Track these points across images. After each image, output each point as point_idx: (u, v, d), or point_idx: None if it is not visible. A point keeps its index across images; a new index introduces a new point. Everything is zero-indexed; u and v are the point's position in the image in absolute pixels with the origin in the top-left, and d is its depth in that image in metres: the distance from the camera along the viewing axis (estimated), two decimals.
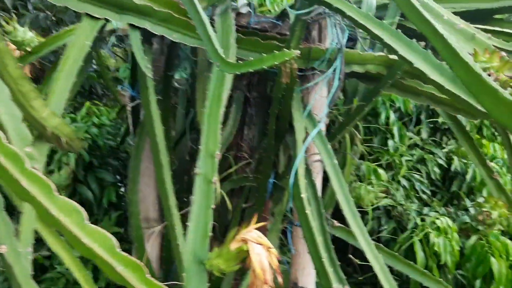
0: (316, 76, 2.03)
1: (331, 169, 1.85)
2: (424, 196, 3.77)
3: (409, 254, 3.43)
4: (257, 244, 1.41)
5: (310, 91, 2.05)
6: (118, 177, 4.42)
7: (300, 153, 1.84)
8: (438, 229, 3.38)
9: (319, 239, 1.75)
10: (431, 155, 4.05)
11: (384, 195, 3.07)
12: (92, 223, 3.10)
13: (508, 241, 3.48)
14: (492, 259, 3.37)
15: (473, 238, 3.53)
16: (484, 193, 3.95)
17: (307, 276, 2.14)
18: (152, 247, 2.40)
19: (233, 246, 1.45)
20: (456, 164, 4.04)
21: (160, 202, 2.45)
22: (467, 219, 3.64)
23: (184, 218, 2.19)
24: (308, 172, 1.94)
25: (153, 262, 2.43)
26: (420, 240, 3.35)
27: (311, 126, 1.95)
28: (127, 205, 2.33)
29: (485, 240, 3.48)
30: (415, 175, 3.83)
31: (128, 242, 4.13)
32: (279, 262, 1.44)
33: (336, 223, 2.17)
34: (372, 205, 2.64)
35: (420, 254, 3.32)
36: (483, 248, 3.42)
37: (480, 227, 2.24)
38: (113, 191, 3.93)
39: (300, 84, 2.04)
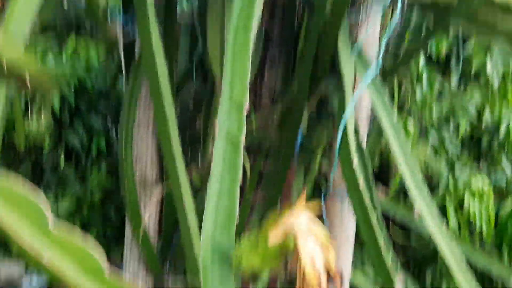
0: (368, 3, 1.54)
1: (391, 131, 1.40)
2: (454, 153, 3.34)
3: None
4: (309, 238, 0.97)
5: (360, 24, 1.56)
6: (108, 123, 3.99)
7: (350, 104, 1.38)
8: (473, 193, 2.97)
9: (374, 221, 1.32)
10: (461, 107, 3.59)
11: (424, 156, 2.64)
12: (80, 173, 2.65)
13: None
14: None
15: (510, 203, 3.14)
16: None
17: (342, 257, 1.72)
18: (150, 215, 1.96)
19: (273, 237, 1.01)
20: (487, 117, 3.59)
21: (160, 159, 2.00)
22: (502, 180, 3.24)
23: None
24: (357, 132, 1.48)
25: (151, 233, 2.00)
26: (454, 207, 2.95)
27: (362, 69, 1.48)
28: (118, 163, 1.87)
29: None
30: (445, 129, 3.38)
31: (120, 194, 3.73)
32: None
33: (380, 194, 1.74)
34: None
35: (452, 221, 2.92)
36: None
37: None
38: (102, 139, 3.51)
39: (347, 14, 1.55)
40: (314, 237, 0.96)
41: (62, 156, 3.42)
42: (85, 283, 0.61)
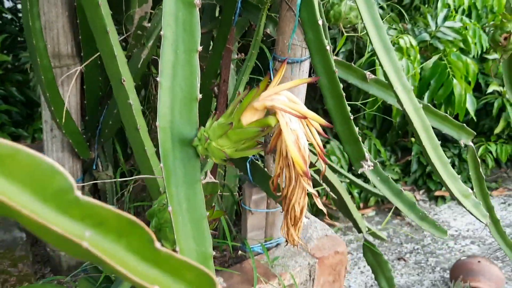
0: None
1: None
2: (380, 11, 3.25)
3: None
4: (292, 115, 0.82)
5: None
6: None
7: None
8: (400, 49, 2.94)
9: (339, 86, 1.19)
10: None
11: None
12: None
13: (470, 61, 3.16)
14: (454, 81, 3.07)
15: (433, 59, 3.16)
16: (439, 5, 3.51)
17: None
18: (70, 94, 1.71)
19: (248, 118, 0.85)
20: None
21: (74, 28, 1.70)
22: (426, 37, 3.23)
23: None
24: None
25: (73, 113, 1.76)
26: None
27: None
28: (25, 36, 1.56)
29: (446, 61, 3.13)
30: None
31: (21, 72, 3.36)
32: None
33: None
34: (351, 26, 2.07)
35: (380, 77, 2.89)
36: (445, 70, 3.08)
37: (498, 53, 1.78)
38: None
39: None
40: (299, 114, 0.81)
41: None
42: (47, 211, 0.42)
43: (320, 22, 1.14)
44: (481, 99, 3.69)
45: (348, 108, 1.19)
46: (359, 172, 1.17)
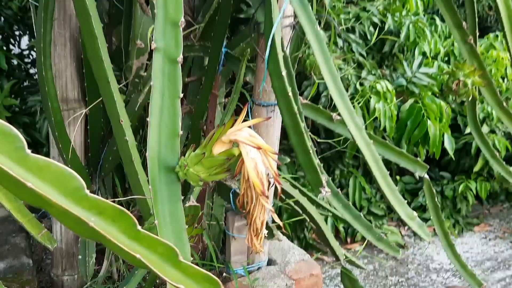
0: None
1: (313, 39, 1.47)
2: (360, 58, 3.53)
3: None
4: (251, 147, 1.06)
5: None
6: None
7: (278, 15, 1.42)
8: (377, 93, 3.20)
9: (302, 126, 1.43)
10: (366, 13, 3.76)
11: (340, 61, 2.78)
12: None
13: (443, 103, 3.42)
14: (428, 122, 3.32)
15: (409, 102, 3.43)
16: (416, 52, 3.80)
17: None
18: (76, 134, 1.95)
19: (217, 149, 1.08)
20: (389, 22, 3.79)
21: (80, 77, 1.96)
22: (403, 82, 3.50)
23: None
24: (282, 42, 1.54)
25: (78, 150, 2.00)
26: (360, 107, 3.17)
27: None
28: (39, 83, 1.82)
29: (421, 103, 3.39)
30: (352, 36, 3.54)
31: (28, 115, 3.60)
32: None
33: (302, 99, 1.85)
34: None
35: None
36: (420, 112, 3.34)
37: (452, 97, 2.03)
38: (1, 56, 3.31)
39: None
40: (256, 146, 1.05)
41: None
42: (67, 203, 0.65)
43: (284, 73, 1.39)
44: (460, 139, 3.93)
45: (309, 143, 1.42)
46: (318, 198, 1.39)
